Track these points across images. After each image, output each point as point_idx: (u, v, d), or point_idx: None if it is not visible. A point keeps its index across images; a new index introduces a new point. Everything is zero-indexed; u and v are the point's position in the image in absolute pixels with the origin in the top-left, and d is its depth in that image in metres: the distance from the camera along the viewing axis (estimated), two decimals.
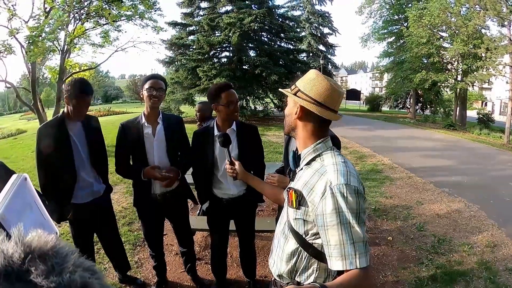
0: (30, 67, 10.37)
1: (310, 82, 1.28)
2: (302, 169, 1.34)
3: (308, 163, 1.31)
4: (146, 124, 2.56)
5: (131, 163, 2.70)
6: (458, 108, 21.63)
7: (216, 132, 2.47)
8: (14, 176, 0.88)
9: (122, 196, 5.58)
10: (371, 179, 6.78)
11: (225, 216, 2.73)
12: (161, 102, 2.58)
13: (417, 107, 26.97)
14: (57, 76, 11.22)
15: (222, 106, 2.38)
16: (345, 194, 1.13)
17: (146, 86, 2.48)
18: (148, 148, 2.57)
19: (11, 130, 20.44)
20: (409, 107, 28.26)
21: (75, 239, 2.75)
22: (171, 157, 2.64)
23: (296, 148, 1.41)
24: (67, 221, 2.67)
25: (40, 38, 9.52)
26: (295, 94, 1.30)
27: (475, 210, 4.99)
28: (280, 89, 1.50)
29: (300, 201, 1.24)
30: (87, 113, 2.66)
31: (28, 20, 10.27)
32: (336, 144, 2.16)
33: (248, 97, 18.70)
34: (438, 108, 24.91)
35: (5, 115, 54.09)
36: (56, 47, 10.76)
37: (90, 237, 2.84)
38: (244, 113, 17.12)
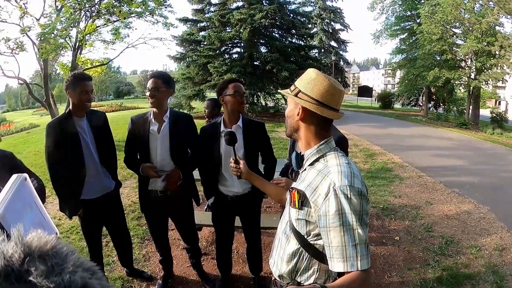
0: (42, 63, 10.51)
1: (310, 82, 1.27)
2: (305, 169, 1.34)
3: (312, 164, 1.31)
4: (153, 121, 2.57)
5: (139, 157, 2.72)
6: (471, 106, 21.27)
7: (222, 128, 2.48)
8: (14, 176, 0.89)
9: (131, 190, 5.65)
10: (380, 177, 6.73)
11: (230, 212, 2.74)
12: (161, 100, 2.54)
13: (430, 105, 26.59)
14: (69, 72, 11.34)
15: (229, 96, 2.41)
16: (349, 196, 1.13)
17: (149, 81, 2.53)
18: (152, 145, 2.58)
19: (24, 124, 20.78)
20: (421, 104, 27.88)
21: (85, 234, 2.81)
22: (174, 156, 2.62)
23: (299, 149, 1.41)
24: (77, 216, 2.72)
25: (52, 35, 9.62)
26: (296, 95, 1.29)
27: (485, 212, 4.92)
28: (280, 91, 1.50)
29: (303, 201, 1.24)
30: (94, 108, 2.70)
31: (40, 18, 10.40)
32: (344, 145, 2.15)
33: (259, 93, 18.66)
34: (451, 107, 24.52)
35: (18, 110, 54.95)
36: (68, 44, 10.87)
37: (99, 232, 2.89)
38: (254, 109, 17.09)
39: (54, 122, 2.56)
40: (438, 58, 21.24)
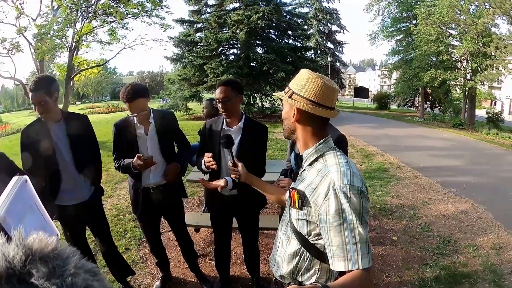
0: (38, 64, 10.47)
1: (303, 83, 1.26)
2: (304, 170, 1.34)
3: (311, 164, 1.30)
4: (138, 124, 2.56)
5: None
6: (467, 107, 21.40)
7: (224, 126, 2.46)
8: (14, 178, 0.89)
9: (128, 192, 5.61)
10: (377, 178, 6.75)
11: (227, 213, 2.72)
12: (143, 107, 2.49)
13: (426, 105, 26.72)
14: (65, 73, 11.32)
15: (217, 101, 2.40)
16: (348, 195, 1.13)
17: (126, 105, 2.45)
18: (142, 147, 2.57)
19: (20, 125, 20.65)
20: (417, 105, 28.01)
21: (67, 240, 2.64)
22: (165, 154, 2.65)
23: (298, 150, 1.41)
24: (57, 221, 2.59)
25: (49, 36, 9.59)
26: (290, 97, 1.29)
27: (481, 211, 4.94)
28: (274, 94, 1.49)
29: (303, 201, 1.24)
30: (75, 112, 2.63)
31: (36, 18, 10.38)
32: (343, 144, 2.15)
33: (255, 94, 18.70)
34: (447, 107, 24.66)
35: (14, 111, 54.63)
36: (64, 44, 10.84)
37: (81, 239, 2.71)
38: (251, 110, 17.14)
39: (26, 128, 2.42)
40: (434, 59, 21.40)
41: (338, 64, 32.18)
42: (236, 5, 18.59)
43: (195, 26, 19.60)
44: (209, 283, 3.11)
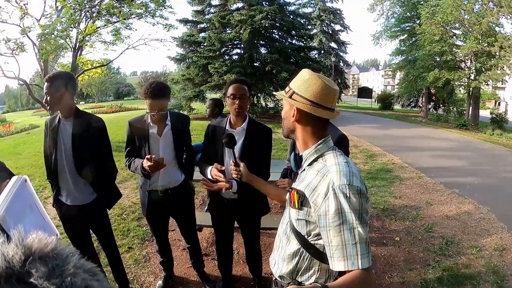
0: (42, 64, 10.51)
1: (304, 83, 1.27)
2: (304, 170, 1.34)
3: (310, 164, 1.31)
4: (151, 124, 2.55)
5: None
6: (470, 107, 21.30)
7: (228, 127, 2.46)
8: (14, 178, 0.89)
9: (132, 191, 5.64)
10: (380, 178, 6.73)
11: (228, 214, 2.70)
12: (164, 107, 2.49)
13: (430, 106, 26.59)
14: None
15: (228, 98, 2.38)
16: (348, 195, 1.13)
17: (147, 101, 2.43)
18: (153, 147, 2.56)
19: (24, 125, 20.75)
20: (421, 106, 27.89)
21: (70, 239, 2.59)
22: (178, 157, 2.65)
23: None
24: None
25: (52, 36, 9.65)
26: (290, 97, 1.29)
27: (485, 212, 4.92)
28: (274, 93, 1.49)
29: (302, 201, 1.24)
30: (88, 112, 2.60)
31: (40, 19, 10.45)
32: (345, 144, 2.15)
33: (259, 94, 18.68)
34: (450, 107, 24.54)
35: (18, 111, 54.86)
36: (68, 44, 10.89)
37: (81, 238, 2.58)
38: (254, 110, 17.11)
39: (48, 119, 2.50)
40: (438, 59, 21.28)
41: (341, 64, 32.12)
42: (240, 5, 18.57)
43: (198, 26, 19.61)
44: (212, 282, 3.11)
